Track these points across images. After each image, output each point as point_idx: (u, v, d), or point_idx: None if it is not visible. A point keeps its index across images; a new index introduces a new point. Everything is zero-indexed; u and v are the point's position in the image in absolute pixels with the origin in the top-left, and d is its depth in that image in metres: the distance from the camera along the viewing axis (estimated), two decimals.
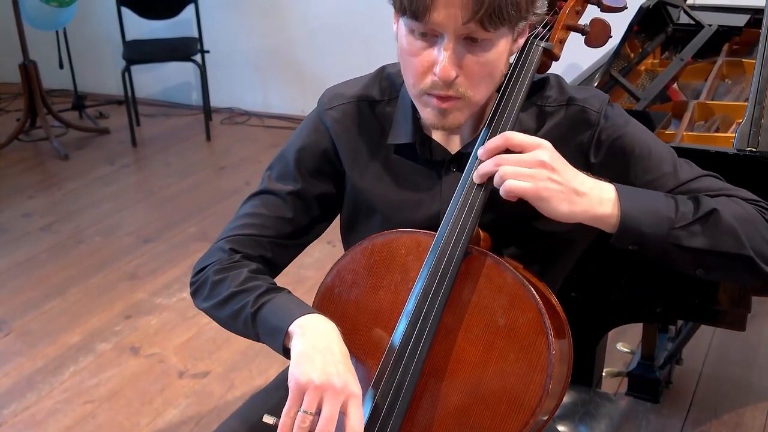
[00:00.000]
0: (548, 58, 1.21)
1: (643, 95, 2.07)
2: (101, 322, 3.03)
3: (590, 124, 1.20)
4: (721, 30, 2.64)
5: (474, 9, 1.02)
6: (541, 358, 1.05)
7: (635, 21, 2.16)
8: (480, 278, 1.10)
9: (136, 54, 4.90)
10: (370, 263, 1.18)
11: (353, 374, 1.06)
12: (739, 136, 1.64)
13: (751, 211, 1.13)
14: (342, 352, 1.08)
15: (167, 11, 5.05)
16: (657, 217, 1.09)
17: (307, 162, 1.29)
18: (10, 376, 2.73)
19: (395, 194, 1.25)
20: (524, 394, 1.05)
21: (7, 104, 5.68)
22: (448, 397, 1.10)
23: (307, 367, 1.03)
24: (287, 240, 1.29)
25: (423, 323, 1.07)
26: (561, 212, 1.07)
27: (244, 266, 1.22)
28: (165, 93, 5.67)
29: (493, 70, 1.11)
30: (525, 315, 1.07)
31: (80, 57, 5.46)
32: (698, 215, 1.09)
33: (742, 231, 1.10)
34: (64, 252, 3.63)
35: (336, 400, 1.02)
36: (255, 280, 1.19)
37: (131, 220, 3.96)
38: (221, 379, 2.67)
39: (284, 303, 1.15)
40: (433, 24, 1.05)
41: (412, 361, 1.07)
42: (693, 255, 1.10)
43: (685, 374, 2.57)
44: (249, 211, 1.29)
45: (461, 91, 1.10)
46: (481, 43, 1.07)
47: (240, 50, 5.24)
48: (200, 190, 4.30)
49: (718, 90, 2.35)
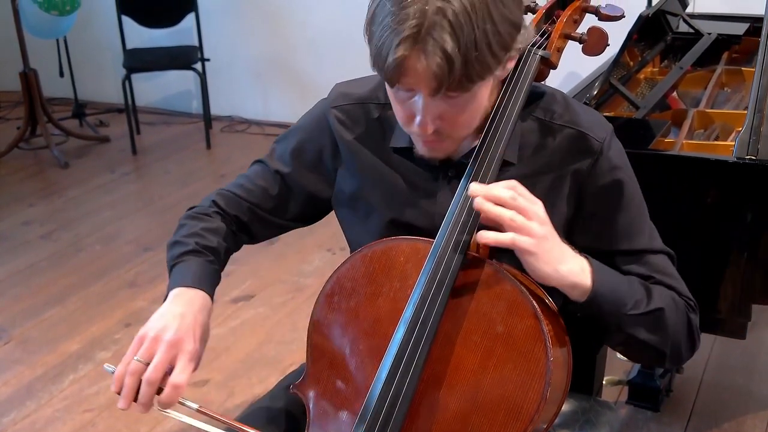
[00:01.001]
0: (546, 66, 1.20)
1: (642, 103, 2.07)
2: (101, 331, 3.02)
3: (592, 152, 1.18)
4: (721, 38, 2.65)
5: (436, 87, 1.01)
6: (539, 365, 1.04)
7: (634, 30, 2.16)
8: (478, 285, 1.10)
9: (137, 62, 4.91)
10: (370, 271, 1.18)
11: (195, 338, 1.15)
12: (738, 144, 1.65)
13: (682, 313, 1.19)
14: (194, 319, 1.16)
15: (167, 20, 5.06)
16: (617, 300, 1.12)
17: (303, 154, 1.34)
18: (10, 384, 2.73)
19: (394, 197, 1.26)
20: (522, 401, 1.05)
21: (8, 112, 5.69)
22: (447, 404, 1.10)
23: (151, 323, 1.14)
24: (266, 213, 1.36)
25: (420, 330, 1.07)
26: (547, 270, 1.06)
27: (204, 221, 1.33)
28: (165, 101, 5.68)
29: (477, 112, 1.11)
30: (523, 322, 1.06)
31: (81, 65, 5.47)
32: (648, 309, 1.14)
33: (670, 332, 1.17)
34: (64, 260, 3.63)
35: (166, 352, 1.11)
36: (195, 237, 1.29)
37: (131, 228, 3.96)
38: (221, 387, 2.67)
39: (185, 269, 1.25)
40: (405, 87, 1.06)
41: (409, 368, 1.07)
42: (626, 337, 1.15)
43: (685, 382, 2.57)
44: (247, 173, 1.39)
45: (445, 134, 1.12)
46: (459, 96, 1.06)
47: (240, 58, 5.25)
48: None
49: (718, 98, 2.35)
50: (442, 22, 0.97)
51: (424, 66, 0.99)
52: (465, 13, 0.97)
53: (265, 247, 3.64)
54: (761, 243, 1.64)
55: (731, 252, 1.66)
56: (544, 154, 1.20)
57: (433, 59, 0.98)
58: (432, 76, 1.00)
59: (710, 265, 1.68)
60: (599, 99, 2.05)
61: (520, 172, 1.14)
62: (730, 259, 1.66)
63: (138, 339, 1.13)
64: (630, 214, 1.20)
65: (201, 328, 1.18)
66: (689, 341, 1.20)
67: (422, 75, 1.01)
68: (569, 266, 1.08)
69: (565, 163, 1.19)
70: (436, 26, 0.97)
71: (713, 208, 1.66)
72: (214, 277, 1.28)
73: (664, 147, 1.88)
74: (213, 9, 5.08)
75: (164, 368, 1.11)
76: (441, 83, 1.01)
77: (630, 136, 1.93)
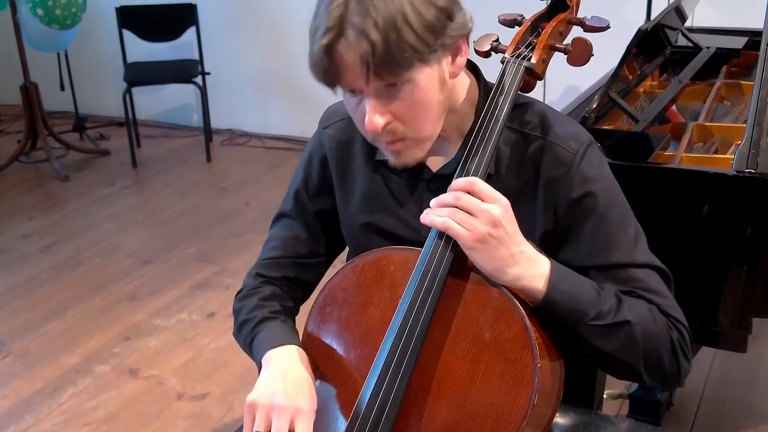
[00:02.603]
0: (531, 77, 1.20)
1: (642, 117, 2.07)
2: (100, 344, 3.02)
3: (563, 164, 1.18)
4: (720, 52, 2.66)
5: (364, 73, 1.04)
6: (527, 371, 1.05)
7: (634, 43, 2.17)
8: (467, 293, 1.11)
9: (138, 76, 4.92)
10: (361, 281, 1.19)
11: (306, 393, 1.14)
12: (738, 157, 1.65)
13: (662, 331, 1.15)
14: (298, 374, 1.16)
15: (168, 34, 5.08)
16: (575, 309, 1.11)
17: (309, 185, 1.36)
18: (9, 398, 2.72)
19: (383, 208, 1.28)
20: (510, 408, 1.05)
21: (8, 126, 5.70)
22: (436, 411, 1.10)
23: (257, 391, 1.13)
24: (306, 258, 1.37)
25: (408, 338, 1.08)
26: (488, 269, 1.08)
27: (258, 293, 1.32)
28: (166, 114, 5.69)
29: (424, 104, 1.11)
30: (511, 329, 1.07)
31: (81, 79, 5.49)
32: (613, 321, 1.11)
33: (642, 349, 1.13)
34: (64, 273, 3.62)
35: (282, 416, 1.10)
36: (259, 309, 1.29)
37: (131, 241, 3.96)
38: (220, 401, 2.66)
39: (267, 335, 1.24)
40: (344, 86, 1.09)
41: (397, 375, 1.08)
42: (592, 348, 1.13)
43: (686, 396, 2.56)
44: (271, 235, 1.40)
45: (400, 132, 1.12)
46: (400, 86, 1.07)
47: (240, 72, 5.27)
48: (200, 211, 4.30)
49: (717, 112, 2.35)
50: (359, 8, 1.01)
51: (349, 53, 1.03)
52: None
53: None
54: (761, 256, 1.63)
55: (731, 265, 1.66)
56: (520, 165, 1.20)
57: (356, 44, 1.02)
58: (357, 61, 1.03)
59: (710, 278, 1.67)
60: (599, 112, 2.06)
61: (499, 184, 1.14)
62: (730, 272, 1.66)
63: (248, 408, 1.13)
64: (604, 228, 1.18)
65: (307, 381, 1.17)
66: (673, 361, 1.16)
67: (349, 64, 1.04)
68: (518, 270, 1.08)
69: (540, 175, 1.19)
70: (354, 14, 1.01)
71: (713, 222, 1.66)
72: (294, 333, 1.27)
73: (664, 160, 1.89)
74: (213, 23, 5.10)
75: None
76: (367, 66, 1.03)
77: (629, 149, 1.93)
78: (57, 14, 4.57)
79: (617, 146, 1.93)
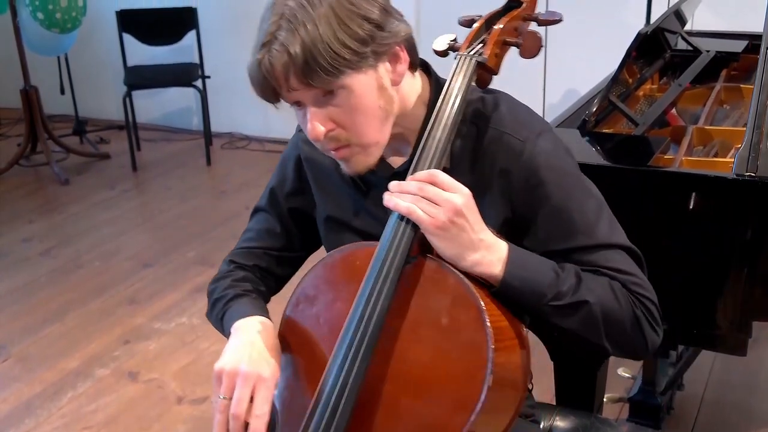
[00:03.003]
0: (485, 71, 1.22)
1: (641, 120, 2.07)
2: (100, 347, 3.02)
3: (514, 153, 1.20)
4: (719, 56, 2.66)
5: (285, 80, 1.11)
6: (481, 353, 1.06)
7: (633, 47, 2.17)
8: (424, 281, 1.13)
9: (138, 79, 4.92)
10: (330, 277, 1.22)
11: (269, 362, 1.17)
12: (738, 160, 1.65)
13: (625, 307, 1.17)
14: (263, 344, 1.20)
15: (169, 37, 5.09)
16: (533, 291, 1.14)
17: (285, 184, 1.41)
18: (8, 402, 2.72)
19: (353, 207, 1.32)
20: (466, 390, 1.06)
21: (8, 129, 5.70)
22: (395, 396, 1.12)
23: (224, 359, 1.17)
24: (279, 251, 1.42)
25: (366, 326, 1.10)
26: (447, 255, 1.11)
27: (231, 276, 1.37)
28: (166, 118, 5.69)
29: (364, 111, 1.15)
30: (466, 314, 1.09)
31: (81, 82, 5.49)
32: (571, 301, 1.14)
33: (604, 326, 1.15)
34: (64, 277, 3.62)
35: (244, 384, 1.14)
36: (232, 288, 1.34)
37: (131, 244, 3.96)
38: None
39: (237, 308, 1.29)
40: (286, 100, 1.16)
41: (355, 362, 1.09)
42: (553, 326, 1.16)
43: (686, 400, 2.56)
44: (248, 226, 1.46)
45: (344, 139, 1.16)
46: (336, 93, 1.13)
47: (240, 75, 5.18)
48: (200, 214, 4.30)
49: (717, 115, 2.36)
50: (288, 26, 1.08)
51: (275, 65, 1.10)
52: (302, 9, 1.08)
53: None
54: (761, 259, 1.63)
55: (731, 269, 1.66)
56: (476, 158, 1.23)
57: (279, 57, 1.09)
58: (281, 71, 1.10)
59: (710, 281, 1.67)
60: (598, 116, 2.06)
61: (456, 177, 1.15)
62: (730, 275, 1.66)
63: (215, 376, 1.16)
64: (561, 215, 1.19)
65: (273, 349, 1.21)
66: (638, 335, 1.18)
67: (276, 76, 1.11)
68: (477, 256, 1.11)
69: (494, 166, 1.22)
70: (283, 30, 1.08)
71: (713, 225, 1.66)
72: (264, 308, 1.32)
73: (664, 163, 1.89)
74: (214, 27, 5.11)
75: (246, 401, 1.14)
76: (287, 74, 1.09)
77: (629, 152, 1.93)
78: (57, 18, 4.58)
79: (617, 150, 1.93)
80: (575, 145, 1.91)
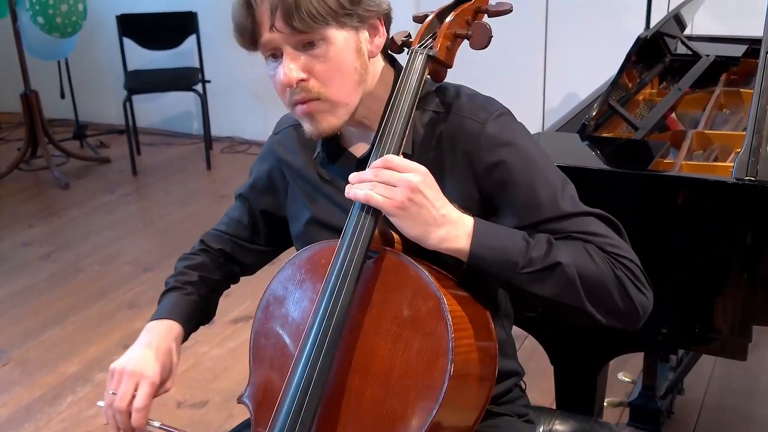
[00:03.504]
0: (438, 65, 1.24)
1: (641, 124, 2.08)
2: (100, 352, 3.01)
3: (473, 134, 1.23)
4: (719, 60, 2.66)
5: (271, 16, 1.13)
6: (442, 342, 1.08)
7: (633, 51, 2.17)
8: (385, 274, 1.15)
9: (138, 84, 4.93)
10: (298, 277, 1.24)
11: (153, 362, 1.27)
12: (737, 165, 1.65)
13: (602, 268, 1.16)
14: (157, 346, 1.29)
15: (169, 42, 5.09)
16: (504, 260, 1.14)
17: (258, 180, 1.46)
18: (8, 406, 2.72)
19: (323, 202, 1.34)
20: (429, 380, 1.08)
21: (8, 133, 5.71)
22: (361, 390, 1.13)
23: (119, 359, 1.27)
24: (244, 241, 1.48)
25: (328, 322, 1.11)
26: (412, 235, 1.12)
27: (189, 260, 1.46)
28: (166, 122, 5.70)
29: (340, 66, 1.18)
30: (426, 304, 1.10)
31: (82, 87, 5.49)
32: (543, 265, 1.14)
33: (583, 287, 1.14)
34: (64, 281, 3.62)
35: (128, 381, 1.24)
36: (177, 276, 1.42)
37: (131, 248, 3.96)
38: (219, 409, 2.66)
39: (162, 305, 1.38)
40: (265, 46, 1.17)
41: (318, 358, 1.11)
42: (531, 296, 1.16)
43: (686, 404, 2.56)
44: (227, 211, 1.53)
45: (315, 91, 1.18)
46: (317, 45, 1.16)
47: (240, 80, 5.27)
48: (200, 218, 4.30)
49: (716, 119, 2.36)
50: None
51: (261, 2, 1.12)
52: None
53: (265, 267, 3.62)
54: (761, 264, 1.63)
55: (731, 273, 1.66)
56: (437, 143, 1.25)
57: None
58: (267, 8, 1.12)
59: (710, 285, 1.67)
60: (598, 120, 2.06)
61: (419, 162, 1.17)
62: (730, 280, 1.66)
63: (109, 374, 1.27)
64: (524, 191, 1.20)
65: (164, 353, 1.30)
66: (624, 297, 1.16)
67: (262, 14, 1.13)
68: (442, 232, 1.12)
69: (456, 149, 1.24)
70: None
71: (713, 229, 1.66)
72: (190, 305, 1.39)
73: (663, 168, 1.89)
74: (214, 31, 5.11)
75: (128, 397, 1.24)
76: (275, 8, 1.11)
77: (629, 157, 1.93)
78: (58, 22, 4.58)
79: (617, 154, 1.93)
80: (575, 148, 1.91)
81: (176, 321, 1.35)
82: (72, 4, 4.62)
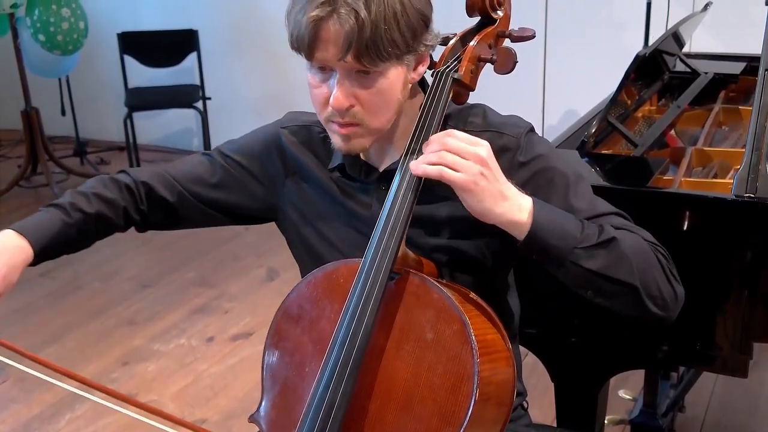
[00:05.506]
0: (462, 88, 1.25)
1: (640, 141, 2.08)
2: (98, 369, 3.00)
3: (508, 149, 1.25)
4: (718, 77, 2.67)
5: (345, 49, 1.11)
6: (467, 367, 1.06)
7: (632, 69, 2.18)
8: (408, 296, 1.14)
9: (139, 101, 4.94)
10: (314, 296, 1.23)
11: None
12: (737, 182, 1.65)
13: (647, 250, 1.20)
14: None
15: (170, 59, 5.11)
16: (564, 233, 1.15)
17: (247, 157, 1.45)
18: (7, 423, 2.70)
19: (331, 208, 1.33)
20: (453, 405, 1.07)
21: (9, 150, 5.71)
22: (383, 413, 1.12)
23: None
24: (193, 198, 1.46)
25: (350, 344, 1.10)
26: (482, 208, 1.12)
27: (89, 185, 1.46)
28: (166, 139, 5.70)
29: (388, 98, 1.19)
30: (450, 327, 1.09)
31: (82, 104, 5.51)
32: (600, 240, 1.16)
33: (635, 262, 1.17)
34: (63, 298, 3.61)
35: None
36: (65, 195, 1.43)
37: (130, 265, 3.95)
38: (219, 427, 2.64)
39: (36, 216, 1.39)
40: (320, 61, 1.16)
41: (341, 381, 1.10)
42: (588, 275, 1.17)
43: (687, 422, 2.55)
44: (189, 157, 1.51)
45: (359, 117, 1.19)
46: (371, 75, 1.16)
47: (241, 97, 5.29)
48: (199, 235, 4.28)
49: (716, 136, 2.36)
50: None
51: (337, 27, 1.10)
52: None
53: (264, 284, 3.64)
54: (761, 281, 1.63)
55: (731, 290, 1.66)
56: None
57: (346, 20, 1.09)
58: (344, 37, 1.10)
59: (711, 302, 1.67)
60: (597, 137, 2.06)
61: None
62: (731, 296, 1.66)
63: None
64: (562, 195, 1.24)
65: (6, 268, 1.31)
66: (665, 282, 1.20)
67: (333, 37, 1.11)
68: (506, 205, 1.13)
69: None
70: None
71: (713, 246, 1.66)
72: (47, 224, 1.39)
73: (663, 185, 1.89)
74: (214, 49, 5.13)
75: None
76: (350, 44, 1.10)
77: (628, 173, 1.94)
78: (59, 40, 4.60)
79: (616, 171, 1.94)
80: None
81: (29, 241, 1.35)
82: (73, 21, 4.64)
